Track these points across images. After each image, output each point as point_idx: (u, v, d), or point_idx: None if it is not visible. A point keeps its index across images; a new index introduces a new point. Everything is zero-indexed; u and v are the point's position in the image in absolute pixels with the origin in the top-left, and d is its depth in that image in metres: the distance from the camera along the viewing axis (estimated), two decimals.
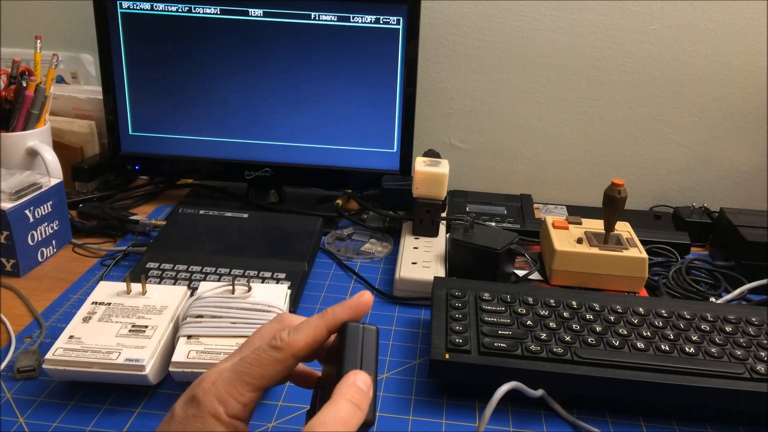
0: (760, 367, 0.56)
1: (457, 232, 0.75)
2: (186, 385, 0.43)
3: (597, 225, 0.78)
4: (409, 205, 0.84)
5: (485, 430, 0.55)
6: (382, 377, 0.61)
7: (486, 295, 0.64)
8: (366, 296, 0.39)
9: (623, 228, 0.78)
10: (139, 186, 1.01)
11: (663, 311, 0.63)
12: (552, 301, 0.64)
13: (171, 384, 0.57)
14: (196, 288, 0.62)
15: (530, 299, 0.64)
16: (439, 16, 0.96)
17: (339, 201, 0.95)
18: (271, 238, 0.79)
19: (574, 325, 0.60)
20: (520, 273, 0.76)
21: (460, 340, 0.57)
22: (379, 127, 0.91)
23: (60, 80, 1.04)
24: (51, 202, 0.78)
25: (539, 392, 0.55)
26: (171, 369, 0.54)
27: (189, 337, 0.56)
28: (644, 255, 0.72)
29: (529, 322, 0.60)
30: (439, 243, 0.81)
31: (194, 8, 0.86)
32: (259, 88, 0.89)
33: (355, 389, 0.35)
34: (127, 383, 0.55)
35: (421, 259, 0.77)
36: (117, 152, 0.94)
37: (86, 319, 0.58)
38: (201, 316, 0.57)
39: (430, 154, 0.90)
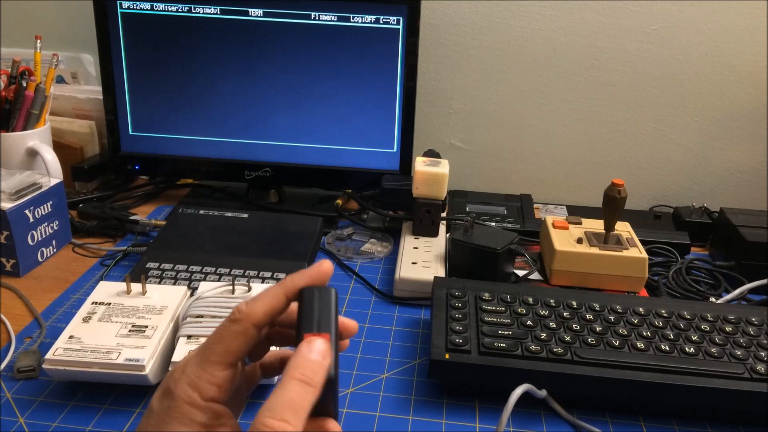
0: (760, 367, 0.56)
1: (457, 232, 0.75)
2: None
3: (597, 225, 0.78)
4: (409, 205, 0.84)
5: (484, 429, 0.55)
6: (382, 377, 0.61)
7: (486, 295, 0.64)
8: (326, 264, 0.38)
9: (623, 228, 0.78)
10: (139, 186, 1.01)
11: (663, 311, 0.63)
12: (552, 301, 0.64)
13: None
14: (196, 288, 0.62)
15: (530, 299, 0.64)
16: (439, 16, 0.96)
17: (339, 201, 0.95)
18: (271, 238, 0.79)
19: (574, 325, 0.60)
20: (520, 273, 0.76)
21: (460, 340, 0.57)
22: (379, 127, 0.91)
23: (60, 80, 1.04)
24: (51, 202, 0.78)
25: (543, 392, 0.55)
26: (171, 369, 0.54)
27: (189, 337, 0.56)
28: (644, 255, 0.72)
29: (529, 322, 0.60)
30: (439, 243, 0.81)
31: (194, 8, 0.86)
32: (259, 88, 0.89)
33: (304, 363, 0.33)
34: (127, 383, 0.55)
35: (421, 259, 0.77)
36: (117, 152, 0.94)
37: (86, 319, 0.58)
38: (201, 316, 0.57)
39: (430, 154, 0.90)
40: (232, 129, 0.92)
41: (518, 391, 0.53)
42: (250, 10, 0.85)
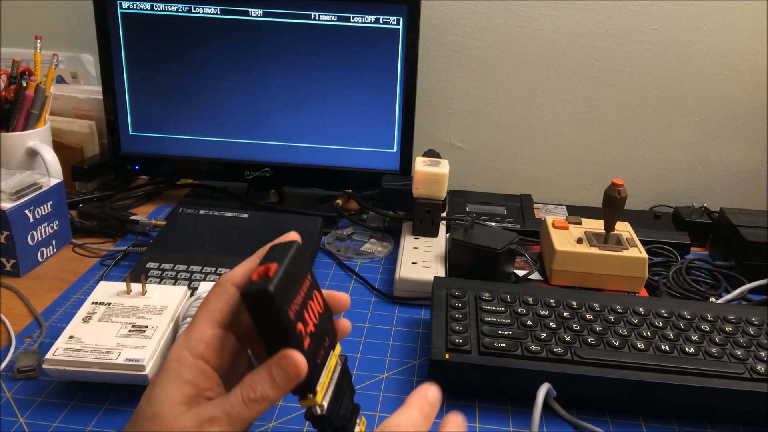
0: (760, 367, 0.56)
1: (457, 232, 0.75)
2: None
3: (597, 225, 0.78)
4: (409, 205, 0.84)
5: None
6: (382, 377, 0.61)
7: (486, 295, 0.64)
8: (292, 234, 0.41)
9: (623, 228, 0.78)
10: (139, 186, 1.01)
11: (663, 311, 0.63)
12: (552, 301, 0.64)
13: None
14: (196, 288, 0.62)
15: (530, 299, 0.64)
16: (439, 16, 0.96)
17: (339, 201, 0.95)
18: (271, 238, 0.78)
19: (574, 325, 0.60)
20: (520, 273, 0.76)
21: (460, 340, 0.57)
22: (379, 127, 0.91)
23: (60, 80, 1.04)
24: (51, 202, 0.78)
25: (553, 393, 0.55)
26: None
27: None
28: (644, 255, 0.72)
29: (529, 322, 0.60)
30: (439, 243, 0.81)
31: (194, 8, 0.86)
32: (259, 88, 0.89)
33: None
34: (127, 383, 0.55)
35: (421, 259, 0.77)
36: (117, 152, 0.94)
37: (86, 319, 0.58)
38: None
39: (430, 154, 0.90)
40: (232, 129, 0.92)
41: (543, 390, 0.54)
42: (250, 10, 0.85)
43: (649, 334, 0.60)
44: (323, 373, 0.39)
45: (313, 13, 0.85)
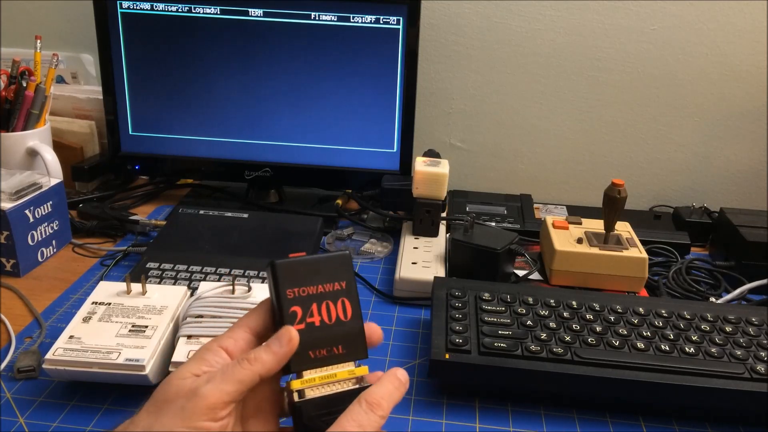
0: (760, 367, 0.56)
1: (457, 232, 0.75)
2: None
3: (597, 225, 0.78)
4: (409, 205, 0.84)
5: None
6: None
7: (486, 295, 0.64)
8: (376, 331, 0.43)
9: (623, 228, 0.78)
10: (139, 186, 1.01)
11: (663, 311, 0.63)
12: (552, 301, 0.64)
13: None
14: (196, 288, 0.62)
15: (530, 299, 0.64)
16: (439, 16, 0.96)
17: (339, 201, 0.95)
18: (271, 238, 0.79)
19: (574, 325, 0.60)
20: (520, 273, 0.76)
21: (460, 340, 0.57)
22: (379, 127, 0.91)
23: (60, 80, 1.04)
24: (51, 202, 0.78)
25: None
26: (171, 369, 0.54)
27: (189, 337, 0.56)
28: (644, 255, 0.72)
29: (529, 322, 0.60)
30: (439, 243, 0.81)
31: (194, 8, 0.86)
32: (259, 88, 0.89)
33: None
34: (127, 383, 0.55)
35: (421, 259, 0.77)
36: (117, 152, 0.94)
37: (86, 319, 0.58)
38: (201, 316, 0.57)
39: (430, 154, 0.90)
40: (232, 129, 0.92)
41: None
42: (250, 10, 0.85)
43: (649, 334, 0.60)
44: (316, 370, 0.39)
45: (313, 13, 0.85)
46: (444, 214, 0.86)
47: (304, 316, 0.39)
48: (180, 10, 0.86)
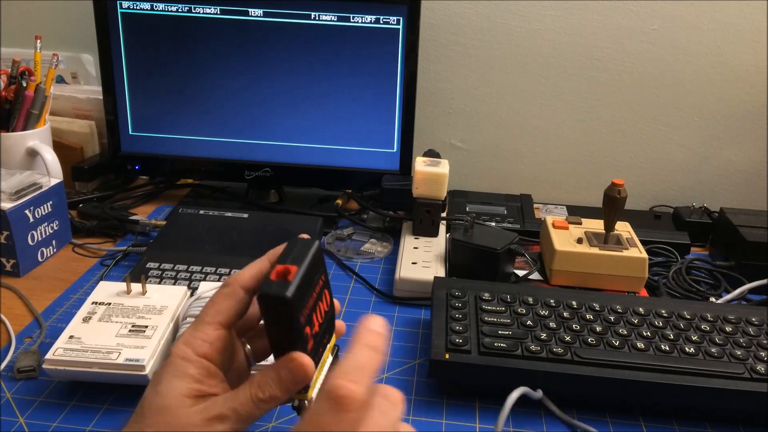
0: (760, 367, 0.56)
1: (457, 232, 0.75)
2: None
3: (597, 225, 0.78)
4: (409, 205, 0.84)
5: (484, 429, 0.55)
6: (383, 377, 0.61)
7: (486, 295, 0.64)
8: (303, 236, 0.41)
9: (623, 228, 0.78)
10: (139, 186, 1.01)
11: (663, 311, 0.63)
12: (552, 301, 0.64)
13: None
14: (196, 288, 0.62)
15: (530, 299, 0.64)
16: (439, 16, 0.96)
17: (339, 201, 0.95)
18: (271, 238, 0.79)
19: (574, 325, 0.60)
20: (520, 273, 0.76)
21: (460, 340, 0.57)
22: (379, 127, 0.91)
23: (60, 80, 1.04)
24: (51, 202, 0.78)
25: (539, 393, 0.55)
26: None
27: None
28: (644, 255, 0.72)
29: (529, 322, 0.60)
30: (439, 243, 0.81)
31: (194, 8, 0.86)
32: (259, 88, 0.89)
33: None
34: (127, 383, 0.55)
35: (421, 259, 0.77)
36: (117, 152, 0.94)
37: (86, 319, 0.58)
38: None
39: (430, 154, 0.90)
40: (232, 129, 0.92)
41: (515, 395, 0.53)
42: (250, 10, 0.85)
43: (649, 334, 0.60)
44: (317, 368, 0.39)
45: (313, 13, 0.85)
46: (444, 214, 0.86)
47: (311, 331, 0.37)
48: (180, 10, 0.86)
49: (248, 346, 0.43)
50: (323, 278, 0.40)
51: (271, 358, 0.52)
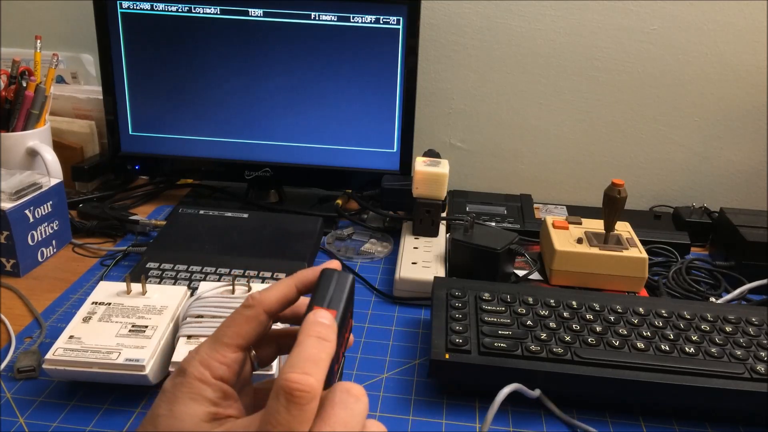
0: (760, 367, 0.56)
1: (457, 232, 0.75)
2: None
3: (597, 225, 0.78)
4: (409, 205, 0.84)
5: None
6: (382, 377, 0.61)
7: (486, 295, 0.64)
8: (335, 263, 0.39)
9: (623, 228, 0.78)
10: (139, 186, 1.01)
11: (663, 311, 0.63)
12: (552, 301, 0.64)
13: None
14: (196, 288, 0.62)
15: (530, 299, 0.64)
16: (439, 16, 0.96)
17: (339, 201, 0.95)
18: (271, 238, 0.79)
19: (574, 325, 0.60)
20: (520, 273, 0.76)
21: (460, 340, 0.57)
22: (379, 127, 0.91)
23: (60, 80, 1.04)
24: (51, 202, 0.78)
25: (536, 392, 0.55)
26: (171, 369, 0.54)
27: (189, 337, 0.56)
28: (644, 255, 0.72)
29: (529, 322, 0.60)
30: (439, 243, 0.81)
31: (194, 8, 0.86)
32: (259, 88, 0.89)
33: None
34: (127, 383, 0.55)
35: (421, 259, 0.77)
36: (117, 152, 0.94)
37: (86, 319, 0.58)
38: (201, 316, 0.57)
39: (430, 154, 0.90)
40: (232, 129, 0.92)
41: (505, 390, 0.53)
42: (250, 10, 0.85)
43: (649, 334, 0.60)
44: None
45: (313, 13, 0.85)
46: (444, 214, 0.86)
47: (337, 369, 0.37)
48: (180, 10, 0.86)
49: (254, 352, 0.42)
50: (351, 310, 0.39)
51: (275, 365, 0.52)
